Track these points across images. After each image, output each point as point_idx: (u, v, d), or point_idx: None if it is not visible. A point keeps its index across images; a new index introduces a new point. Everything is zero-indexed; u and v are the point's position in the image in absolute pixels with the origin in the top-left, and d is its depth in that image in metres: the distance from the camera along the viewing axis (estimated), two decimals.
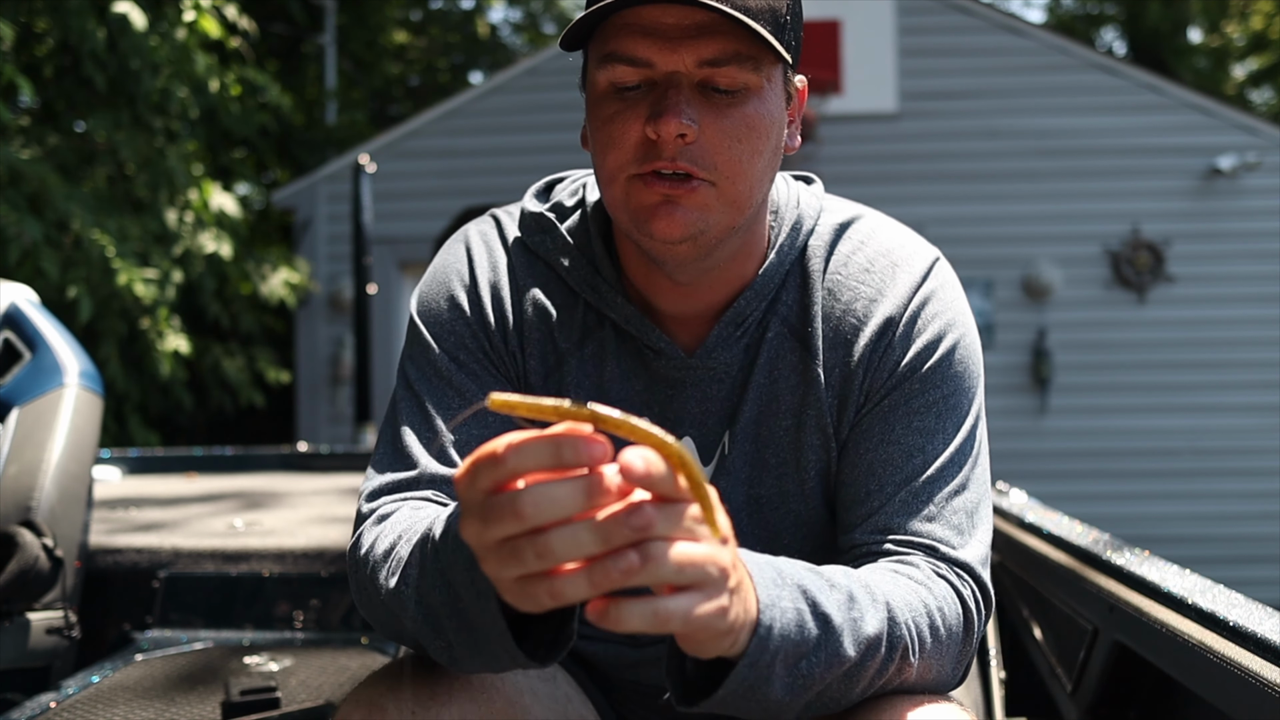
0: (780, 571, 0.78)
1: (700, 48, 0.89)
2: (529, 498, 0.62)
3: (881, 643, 0.83)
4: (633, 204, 0.93)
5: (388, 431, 1.04)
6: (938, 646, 0.88)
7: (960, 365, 1.01)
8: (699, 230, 0.93)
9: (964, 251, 6.94)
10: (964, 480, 0.98)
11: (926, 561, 0.94)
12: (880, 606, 0.83)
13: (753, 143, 0.92)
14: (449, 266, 1.09)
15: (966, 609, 0.93)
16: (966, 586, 0.94)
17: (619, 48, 0.90)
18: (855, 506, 0.99)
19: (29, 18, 6.16)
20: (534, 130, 7.21)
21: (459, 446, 1.00)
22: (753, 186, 0.94)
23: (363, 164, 3.75)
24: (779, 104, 0.95)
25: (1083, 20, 15.49)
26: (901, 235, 1.08)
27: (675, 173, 0.91)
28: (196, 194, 6.61)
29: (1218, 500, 7.08)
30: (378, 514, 0.96)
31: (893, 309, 1.01)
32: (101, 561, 2.19)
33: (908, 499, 0.96)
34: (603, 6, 0.89)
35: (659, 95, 0.90)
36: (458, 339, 1.05)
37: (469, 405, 1.02)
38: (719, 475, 1.05)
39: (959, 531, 0.96)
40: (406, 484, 0.99)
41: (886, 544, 0.96)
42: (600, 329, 1.05)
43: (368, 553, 0.93)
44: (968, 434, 1.00)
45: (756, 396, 1.03)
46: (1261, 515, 6.95)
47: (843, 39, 7.34)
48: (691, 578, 0.64)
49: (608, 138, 0.93)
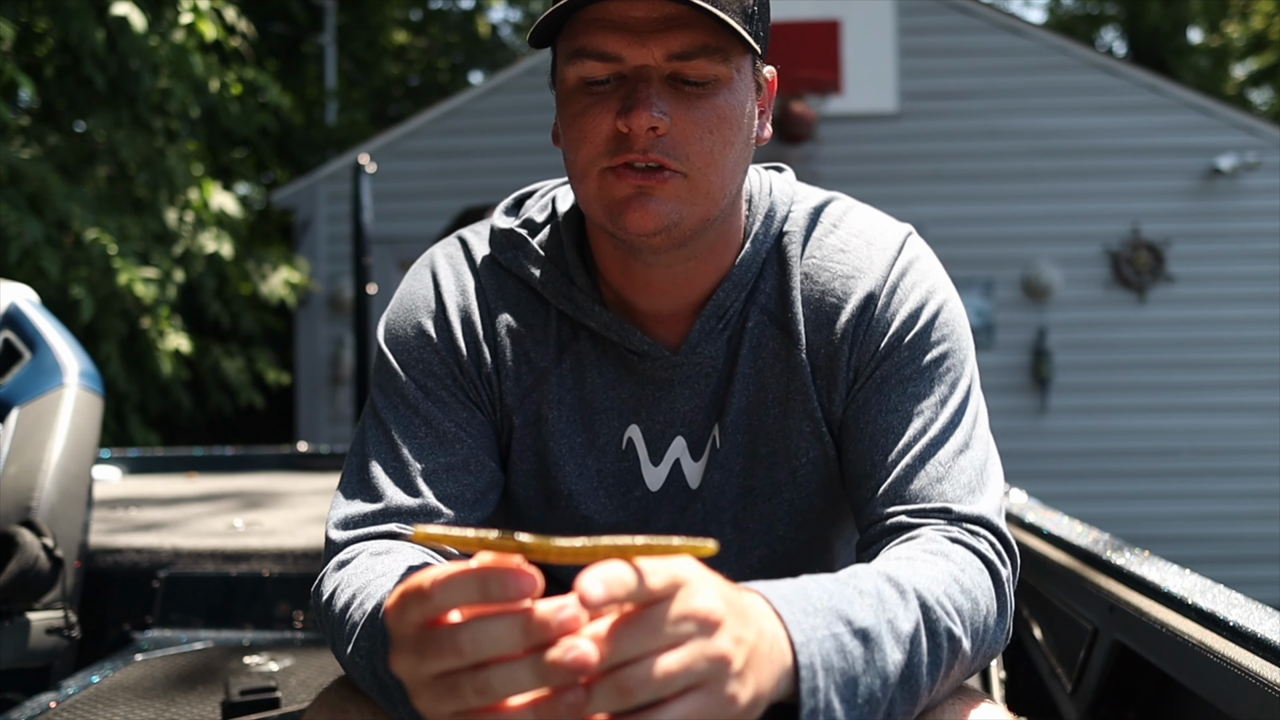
0: (809, 596, 0.74)
1: (669, 41, 0.89)
2: (467, 634, 0.60)
3: (921, 633, 0.79)
4: (605, 197, 0.93)
5: (354, 460, 1.03)
6: (975, 612, 0.86)
7: (946, 328, 1.02)
8: (673, 222, 0.93)
9: (964, 251, 6.95)
10: (966, 438, 0.98)
11: (939, 530, 0.92)
12: (910, 596, 0.80)
13: (724, 134, 0.93)
14: (415, 293, 1.08)
15: (989, 563, 0.91)
16: (984, 542, 0.92)
17: (587, 43, 0.91)
18: (863, 482, 0.99)
19: (29, 17, 6.16)
20: (534, 130, 7.20)
21: (425, 476, 0.99)
22: (725, 177, 0.94)
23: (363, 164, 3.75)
24: (749, 95, 0.96)
25: (1083, 20, 15.49)
26: (873, 216, 1.09)
27: (647, 164, 0.91)
28: (197, 193, 6.62)
29: (1218, 500, 7.08)
30: (338, 560, 0.95)
31: (872, 284, 1.02)
32: (101, 561, 2.19)
33: (913, 464, 0.96)
34: (570, 2, 0.89)
35: (629, 89, 0.90)
36: (425, 367, 1.03)
37: (436, 433, 1.01)
38: (711, 469, 1.05)
39: (970, 489, 0.95)
40: (371, 517, 0.98)
41: (900, 515, 0.94)
42: (576, 341, 1.05)
43: (328, 602, 0.92)
44: (964, 394, 1.00)
45: (743, 388, 1.03)
46: (1261, 515, 6.95)
47: (843, 39, 7.34)
48: (684, 683, 0.61)
49: (579, 133, 0.93)
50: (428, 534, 0.62)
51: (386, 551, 0.94)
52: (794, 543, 1.08)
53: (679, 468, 1.06)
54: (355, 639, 0.86)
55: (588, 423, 1.05)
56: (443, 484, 1.00)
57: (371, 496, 0.99)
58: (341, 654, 0.89)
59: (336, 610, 0.90)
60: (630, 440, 1.06)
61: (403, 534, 0.97)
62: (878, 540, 0.95)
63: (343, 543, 0.97)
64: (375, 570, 0.90)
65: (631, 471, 1.06)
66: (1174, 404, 7.19)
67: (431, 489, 0.99)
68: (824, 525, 1.09)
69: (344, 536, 0.97)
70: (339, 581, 0.92)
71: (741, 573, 1.07)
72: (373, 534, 0.97)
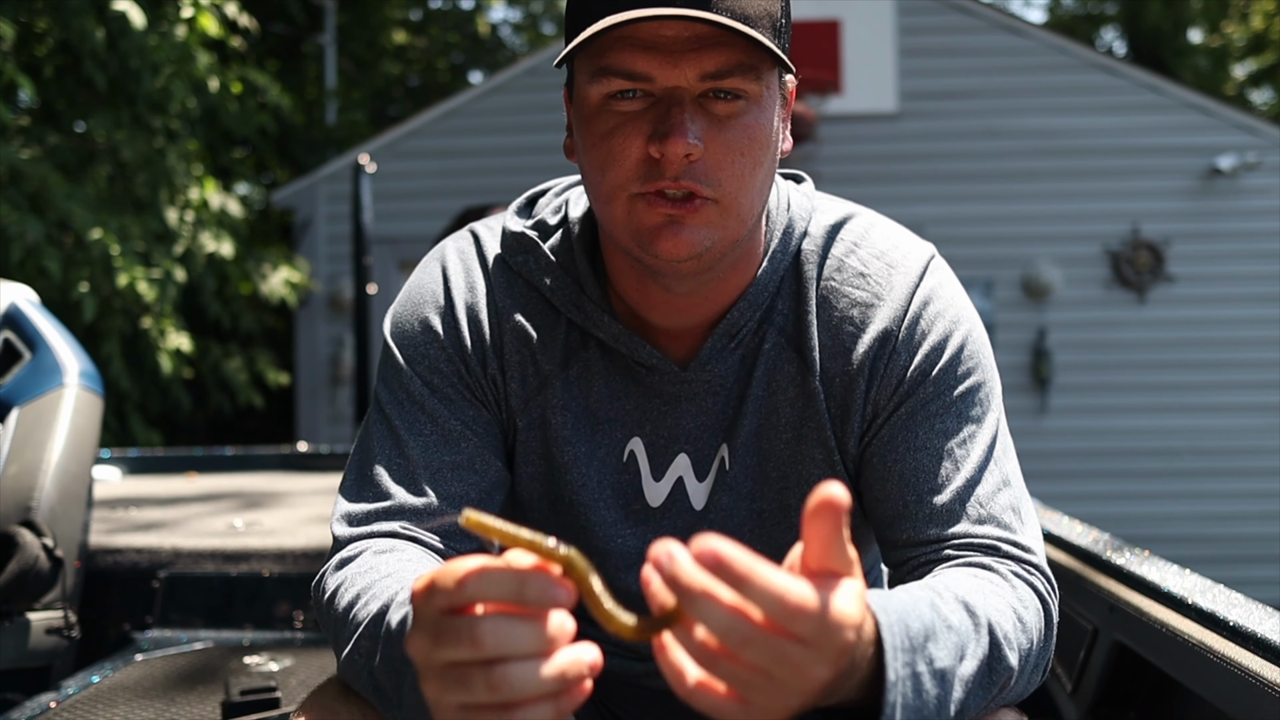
0: (909, 627, 0.72)
1: (703, 61, 0.86)
2: (490, 627, 0.61)
3: (984, 670, 0.80)
4: (635, 224, 0.91)
5: (359, 455, 1.03)
6: (1028, 652, 0.86)
7: (972, 360, 0.99)
8: (705, 248, 0.90)
9: (964, 251, 6.95)
10: (1004, 476, 0.96)
11: (996, 561, 0.91)
12: (983, 629, 0.80)
13: (754, 154, 0.90)
14: (424, 287, 1.06)
15: (1044, 601, 0.91)
16: (1038, 578, 0.92)
17: (615, 61, 0.87)
18: (899, 522, 0.96)
19: (29, 17, 6.16)
20: (534, 130, 7.20)
21: (429, 474, 0.99)
22: (754, 199, 0.92)
23: (363, 164, 3.74)
24: (775, 109, 0.93)
25: (1083, 20, 15.48)
26: (895, 235, 1.05)
27: (678, 192, 0.88)
28: (197, 193, 6.62)
29: (1218, 500, 7.08)
30: (341, 557, 0.95)
31: (892, 314, 0.99)
32: (101, 561, 2.19)
33: (953, 505, 0.94)
34: (606, 26, 0.85)
35: (662, 112, 0.87)
36: (431, 363, 1.02)
37: (442, 431, 1.00)
38: (719, 490, 1.03)
39: (1013, 529, 0.94)
40: (376, 514, 0.98)
41: (947, 549, 0.93)
42: (585, 349, 1.03)
43: (330, 600, 0.92)
44: (994, 429, 0.98)
45: (755, 409, 1.01)
46: (1261, 515, 6.95)
47: (843, 39, 7.34)
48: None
49: (606, 154, 0.90)
50: (480, 522, 0.62)
51: (390, 550, 0.94)
52: None
53: (681, 486, 1.04)
54: (357, 639, 0.86)
55: (591, 431, 1.03)
56: (447, 483, 0.99)
57: (376, 494, 0.99)
58: (340, 652, 0.89)
59: (339, 609, 0.90)
60: (632, 453, 1.04)
61: (405, 533, 0.97)
62: (923, 567, 0.94)
63: (347, 539, 0.97)
64: (380, 570, 0.90)
65: (632, 485, 1.04)
66: (1174, 404, 7.19)
67: (435, 488, 0.98)
68: None
69: (348, 533, 0.97)
70: (342, 579, 0.92)
71: None
72: (377, 532, 0.97)
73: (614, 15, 0.85)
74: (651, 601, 0.63)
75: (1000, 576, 0.89)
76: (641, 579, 0.63)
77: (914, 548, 0.95)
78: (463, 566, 0.62)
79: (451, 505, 0.98)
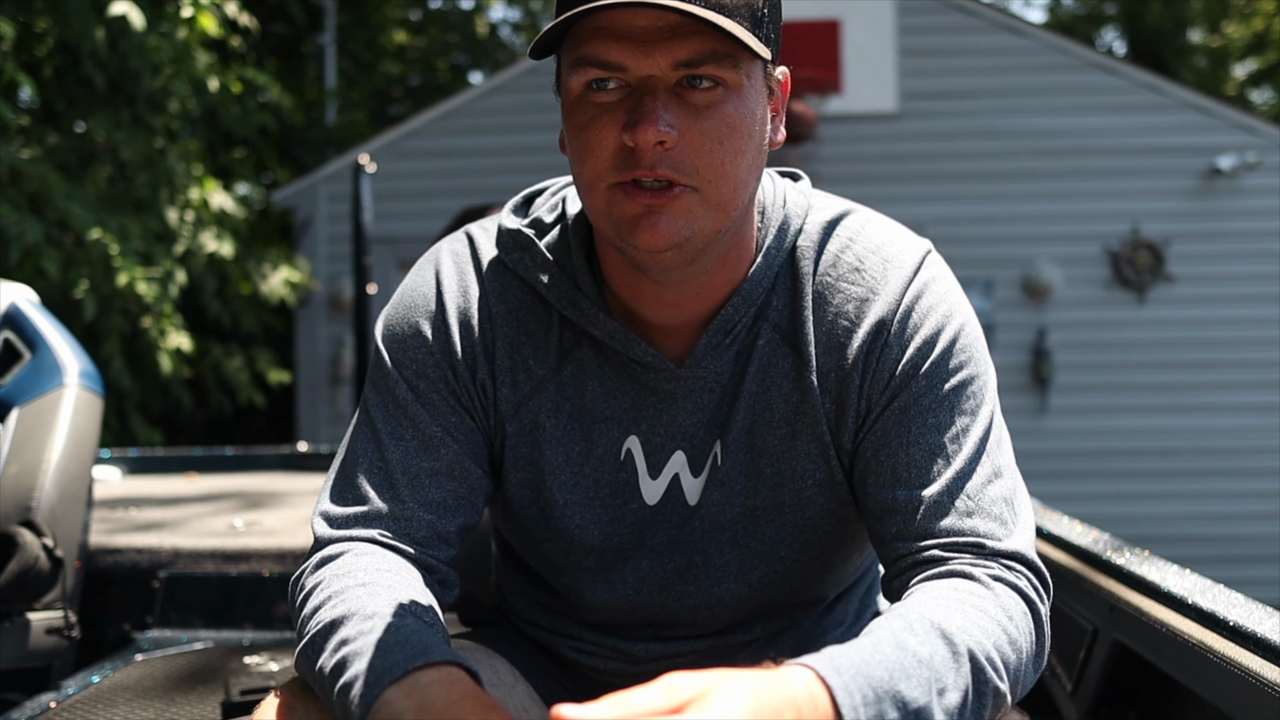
0: (871, 676, 0.74)
1: (675, 49, 0.86)
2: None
3: (969, 698, 0.79)
4: (614, 214, 0.91)
5: (343, 456, 1.04)
6: (1020, 663, 0.86)
7: (964, 354, 0.98)
8: (684, 238, 0.90)
9: (964, 251, 6.93)
10: (995, 468, 0.96)
11: (978, 564, 0.90)
12: (963, 658, 0.80)
13: (734, 143, 0.89)
14: (417, 290, 1.06)
15: (1030, 602, 0.90)
16: (1022, 578, 0.91)
17: (590, 52, 0.87)
18: (888, 516, 0.96)
19: (29, 17, 6.16)
20: (534, 130, 7.20)
21: (408, 479, 1.00)
22: (737, 188, 0.91)
23: (363, 164, 3.74)
24: (760, 100, 0.92)
25: (1083, 20, 15.48)
26: (890, 230, 1.05)
27: (656, 181, 0.88)
28: (197, 193, 6.62)
29: (1218, 500, 7.08)
30: (320, 556, 0.97)
31: (885, 309, 0.98)
32: (101, 561, 2.19)
33: (941, 499, 0.93)
34: (571, 14, 0.86)
35: (635, 101, 0.87)
36: (418, 368, 1.02)
37: (422, 436, 1.01)
38: (712, 486, 1.03)
39: (1002, 522, 0.93)
40: (355, 519, 0.99)
41: (932, 550, 0.92)
42: (578, 348, 1.03)
43: (304, 598, 0.94)
44: (987, 422, 0.98)
45: (749, 405, 1.01)
46: (1261, 515, 6.95)
47: (843, 39, 7.34)
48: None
49: (584, 145, 0.90)
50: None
51: (368, 554, 0.96)
52: (795, 563, 1.06)
53: (678, 482, 1.04)
54: (312, 635, 0.89)
55: (586, 431, 1.03)
56: (425, 489, 1.00)
57: (356, 498, 1.00)
58: (297, 646, 0.91)
59: (310, 607, 0.92)
60: (629, 451, 1.03)
61: (383, 540, 0.98)
62: (908, 571, 0.94)
63: (326, 540, 0.99)
64: (355, 578, 0.92)
65: (629, 484, 1.04)
66: (1174, 404, 7.19)
67: (413, 494, 0.99)
68: (827, 546, 1.06)
69: (328, 534, 0.99)
70: (319, 580, 0.94)
71: (741, 590, 1.06)
72: (354, 537, 0.98)
73: (589, 3, 0.85)
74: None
75: (983, 586, 0.89)
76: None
77: (902, 542, 0.95)
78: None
79: (428, 512, 0.99)
